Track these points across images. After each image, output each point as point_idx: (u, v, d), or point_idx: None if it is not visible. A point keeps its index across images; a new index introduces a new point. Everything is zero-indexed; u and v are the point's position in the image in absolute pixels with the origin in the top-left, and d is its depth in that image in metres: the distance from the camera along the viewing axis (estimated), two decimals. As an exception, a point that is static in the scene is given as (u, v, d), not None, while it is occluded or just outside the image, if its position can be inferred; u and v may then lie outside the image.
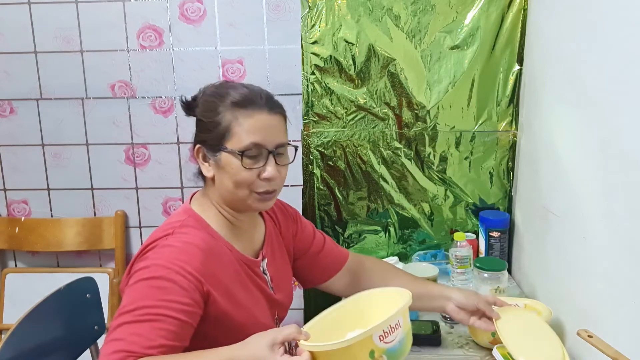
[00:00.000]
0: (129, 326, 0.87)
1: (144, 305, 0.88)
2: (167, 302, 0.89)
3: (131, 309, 0.88)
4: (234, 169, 0.99)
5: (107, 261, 2.00)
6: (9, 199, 1.97)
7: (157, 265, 0.91)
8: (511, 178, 1.76)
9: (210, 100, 1.01)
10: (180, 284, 0.91)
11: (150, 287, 0.90)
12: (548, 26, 1.47)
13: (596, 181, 1.14)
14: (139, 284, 0.91)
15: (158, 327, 0.87)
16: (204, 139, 1.02)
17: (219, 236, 1.03)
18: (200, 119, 1.02)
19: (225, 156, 0.99)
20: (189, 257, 0.94)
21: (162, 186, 1.93)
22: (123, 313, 0.89)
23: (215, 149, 1.00)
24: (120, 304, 0.92)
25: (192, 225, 1.01)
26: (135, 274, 0.93)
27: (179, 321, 0.89)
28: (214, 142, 1.00)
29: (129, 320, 0.87)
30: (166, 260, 0.92)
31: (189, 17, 1.79)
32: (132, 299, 0.90)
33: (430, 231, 1.82)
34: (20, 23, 1.82)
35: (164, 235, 0.97)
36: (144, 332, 0.86)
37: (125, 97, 1.86)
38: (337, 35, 1.69)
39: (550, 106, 1.43)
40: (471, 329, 1.30)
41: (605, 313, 1.09)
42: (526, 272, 1.60)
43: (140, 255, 0.97)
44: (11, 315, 1.93)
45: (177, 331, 0.89)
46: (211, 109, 1.00)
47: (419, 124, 1.74)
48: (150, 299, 0.89)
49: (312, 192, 1.81)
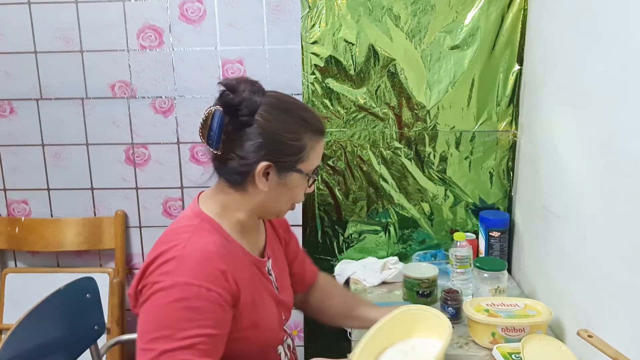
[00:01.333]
0: (174, 354, 0.86)
1: (182, 328, 0.88)
2: (205, 322, 0.89)
3: (168, 334, 0.87)
4: (299, 188, 1.03)
5: (107, 261, 2.00)
6: (9, 199, 1.97)
7: (184, 285, 0.90)
8: (511, 178, 1.76)
9: (293, 122, 1.00)
10: (213, 300, 0.91)
11: (185, 310, 0.89)
12: (548, 26, 1.47)
13: (596, 181, 1.14)
14: (171, 306, 0.89)
15: (201, 349, 0.88)
16: (279, 159, 0.99)
17: (232, 239, 1.03)
18: (276, 135, 0.98)
19: (296, 177, 1.01)
20: (213, 267, 0.93)
21: (162, 186, 1.93)
22: (159, 338, 0.88)
23: (286, 169, 1.00)
24: (145, 324, 0.91)
25: (207, 230, 0.99)
26: (160, 293, 0.90)
27: (217, 336, 0.91)
28: (289, 164, 1.00)
29: (171, 347, 0.87)
30: (191, 276, 0.91)
31: (189, 17, 1.79)
32: (166, 323, 0.89)
33: (430, 231, 1.82)
34: (20, 23, 1.82)
35: (178, 244, 0.95)
36: (189, 357, 0.87)
37: (125, 97, 1.86)
38: (337, 35, 1.69)
39: (550, 106, 1.43)
40: (471, 329, 1.30)
41: (605, 313, 1.09)
42: (526, 272, 1.60)
43: (155, 266, 0.94)
44: (11, 315, 1.92)
45: (217, 346, 0.92)
46: (294, 131, 0.99)
47: (419, 124, 1.74)
48: (188, 321, 0.88)
49: (312, 192, 1.81)
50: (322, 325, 1.88)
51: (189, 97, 1.85)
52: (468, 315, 1.28)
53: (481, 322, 1.25)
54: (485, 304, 1.31)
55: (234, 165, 0.99)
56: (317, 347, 1.92)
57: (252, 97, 0.97)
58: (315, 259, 1.85)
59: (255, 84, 1.01)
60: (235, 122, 0.97)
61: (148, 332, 0.89)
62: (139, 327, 0.92)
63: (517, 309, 1.29)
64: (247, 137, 0.97)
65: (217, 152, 0.98)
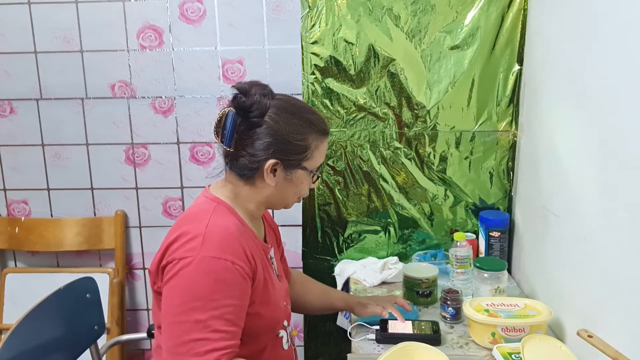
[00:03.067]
0: (207, 322, 0.95)
1: (212, 299, 0.96)
2: (231, 292, 0.98)
3: (201, 305, 0.95)
4: (304, 184, 1.13)
5: (107, 261, 2.00)
6: (9, 199, 1.97)
7: (212, 259, 0.97)
8: (511, 178, 1.76)
9: (294, 121, 1.08)
10: (236, 273, 0.99)
11: (213, 282, 0.97)
12: (548, 26, 1.47)
13: (596, 181, 1.14)
14: (201, 278, 0.97)
15: (228, 318, 0.97)
16: (284, 155, 1.07)
17: (245, 223, 1.11)
18: (284, 136, 1.07)
19: (301, 173, 1.11)
20: (233, 241, 1.02)
21: (162, 186, 1.93)
22: (190, 309, 0.95)
23: (293, 167, 1.09)
24: (174, 298, 0.98)
25: (224, 212, 1.08)
26: (188, 267, 0.97)
27: (241, 306, 1.00)
28: (295, 162, 1.09)
29: (204, 317, 0.95)
30: (217, 251, 0.98)
31: (189, 17, 1.79)
32: (197, 294, 0.96)
33: (430, 231, 1.82)
34: (20, 23, 1.82)
35: (200, 223, 1.02)
36: (222, 327, 0.95)
37: (125, 97, 1.86)
38: (337, 35, 1.69)
39: (550, 106, 1.43)
40: (471, 329, 1.30)
41: (605, 313, 1.09)
42: (526, 272, 1.60)
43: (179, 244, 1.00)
44: (11, 315, 1.92)
45: (241, 315, 1.01)
46: (300, 132, 1.08)
47: (419, 124, 1.74)
48: (217, 292, 0.96)
49: (312, 192, 1.80)
50: (322, 325, 1.90)
51: (189, 97, 1.85)
52: (468, 315, 1.28)
53: (481, 322, 1.25)
54: (485, 304, 1.31)
55: (245, 161, 1.07)
56: (317, 347, 1.92)
57: (262, 100, 1.06)
58: (315, 259, 1.85)
59: (266, 87, 1.09)
60: (247, 122, 1.06)
61: (179, 305, 0.97)
62: (167, 303, 0.99)
63: (517, 309, 1.29)
64: (257, 137, 1.06)
65: (229, 149, 1.06)
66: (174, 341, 0.95)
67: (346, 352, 1.30)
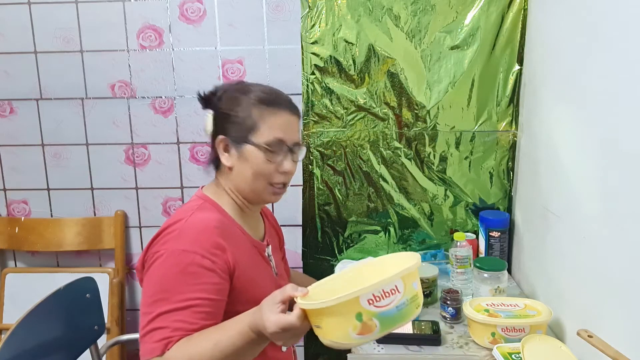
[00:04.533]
0: (170, 314, 0.93)
1: (179, 291, 0.95)
2: (201, 286, 0.96)
3: (165, 297, 0.95)
4: (257, 161, 1.07)
5: (107, 261, 2.00)
6: (9, 199, 1.97)
7: (182, 251, 0.98)
8: (511, 178, 1.76)
9: (236, 95, 1.09)
10: (207, 266, 0.98)
11: (181, 274, 0.96)
12: (548, 26, 1.47)
13: (596, 181, 1.14)
14: (170, 271, 0.97)
15: (197, 311, 0.94)
16: (228, 131, 1.08)
17: (232, 219, 1.11)
18: (226, 112, 1.09)
19: (250, 148, 1.07)
20: (210, 235, 1.01)
21: (162, 186, 1.93)
22: (157, 301, 0.95)
23: (239, 141, 1.08)
24: (147, 290, 0.98)
25: (208, 208, 1.08)
26: (159, 260, 0.98)
27: (214, 301, 0.97)
28: (240, 135, 1.07)
29: (168, 309, 0.94)
30: (188, 245, 0.98)
31: (189, 17, 1.79)
32: (164, 287, 0.96)
33: (430, 231, 1.82)
34: (20, 23, 1.82)
35: (182, 219, 1.03)
36: (186, 317, 0.93)
37: (125, 97, 1.86)
38: (337, 35, 1.69)
39: (550, 106, 1.43)
40: (471, 329, 1.30)
41: (605, 313, 1.09)
42: (526, 272, 1.60)
43: (159, 238, 1.02)
44: (11, 315, 1.92)
45: (213, 311, 0.97)
46: (238, 103, 1.08)
47: (419, 124, 1.74)
48: (184, 285, 0.96)
49: (312, 192, 1.81)
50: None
51: (188, 97, 1.85)
52: (468, 315, 1.28)
53: (481, 322, 1.25)
54: (485, 304, 1.31)
55: (211, 151, 1.14)
56: (317, 347, 1.92)
57: (217, 90, 1.12)
58: (315, 259, 1.85)
59: (238, 83, 1.14)
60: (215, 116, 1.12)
61: (149, 297, 0.97)
62: (142, 294, 1.00)
63: (517, 309, 1.29)
64: (214, 122, 1.12)
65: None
66: (141, 331, 0.97)
67: (346, 352, 1.30)
